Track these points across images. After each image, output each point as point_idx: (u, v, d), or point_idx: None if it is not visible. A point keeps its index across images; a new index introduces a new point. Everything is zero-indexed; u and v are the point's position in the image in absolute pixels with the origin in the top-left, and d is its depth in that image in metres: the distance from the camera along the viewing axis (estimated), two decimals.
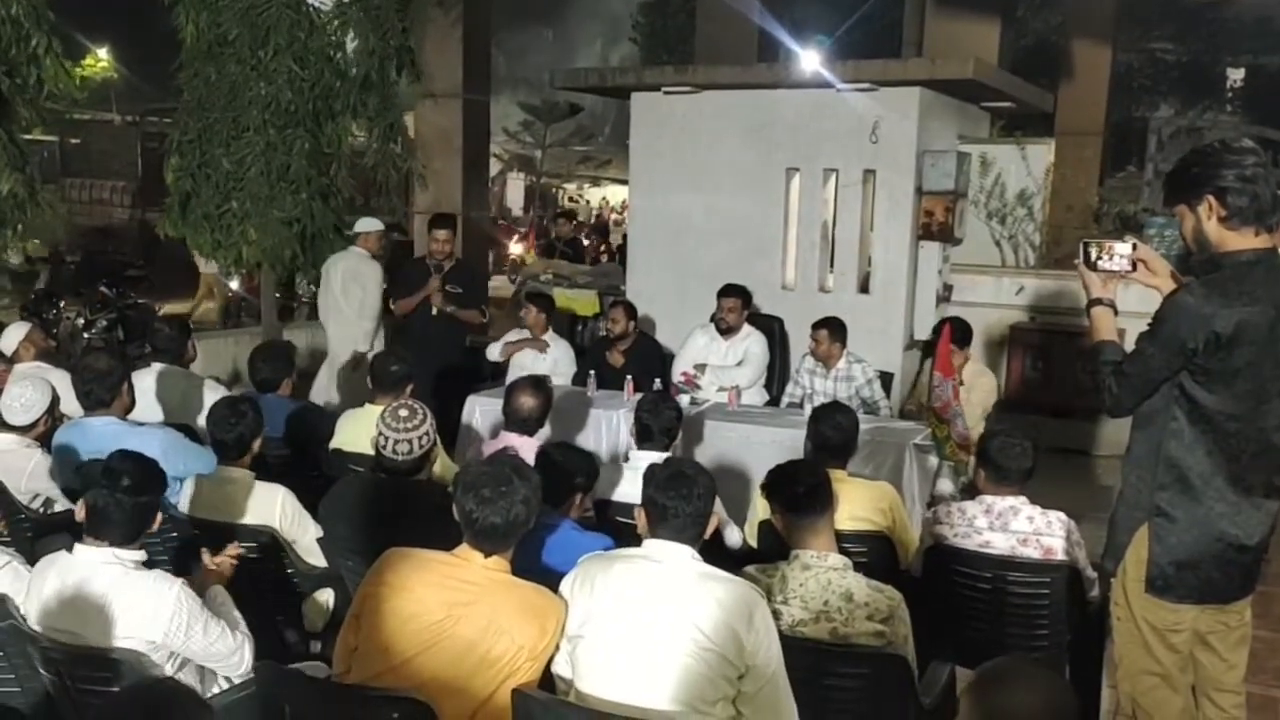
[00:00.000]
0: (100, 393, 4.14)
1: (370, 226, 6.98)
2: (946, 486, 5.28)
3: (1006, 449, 3.48)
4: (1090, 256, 2.87)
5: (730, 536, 3.99)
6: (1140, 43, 22.48)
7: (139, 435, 3.93)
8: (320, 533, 3.67)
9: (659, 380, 5.86)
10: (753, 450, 5.24)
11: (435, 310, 6.81)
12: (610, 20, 33.16)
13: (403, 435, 3.44)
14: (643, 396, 4.31)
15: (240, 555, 3.28)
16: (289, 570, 3.66)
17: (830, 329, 5.92)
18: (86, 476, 2.80)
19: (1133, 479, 2.83)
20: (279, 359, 5.10)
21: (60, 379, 4.49)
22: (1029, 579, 3.42)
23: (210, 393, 4.82)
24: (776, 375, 6.61)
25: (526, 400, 4.26)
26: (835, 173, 7.38)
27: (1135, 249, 2.86)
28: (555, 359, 6.56)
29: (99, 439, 3.90)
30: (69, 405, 4.35)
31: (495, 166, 23.96)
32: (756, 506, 3.89)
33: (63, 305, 9.96)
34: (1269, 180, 2.61)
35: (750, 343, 6.35)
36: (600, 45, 35.64)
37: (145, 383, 4.77)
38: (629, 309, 6.59)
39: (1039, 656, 3.38)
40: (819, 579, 2.86)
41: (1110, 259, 2.85)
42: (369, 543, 3.17)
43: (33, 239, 7.72)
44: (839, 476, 3.59)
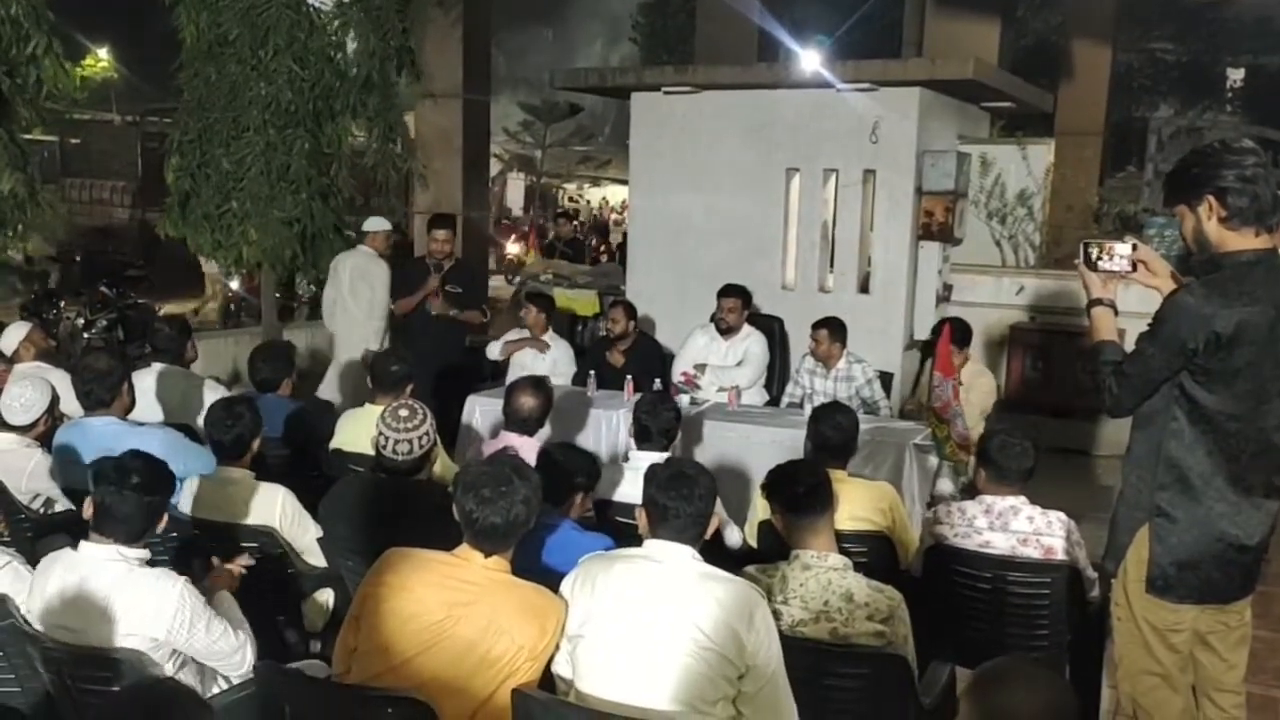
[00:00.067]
0: (100, 393, 4.14)
1: (378, 226, 7.03)
2: (946, 486, 5.28)
3: (1006, 449, 3.48)
4: (1090, 257, 2.87)
5: (730, 536, 3.99)
6: (1140, 43, 22.48)
7: (139, 435, 3.93)
8: (320, 533, 3.67)
9: (659, 380, 5.86)
10: (753, 450, 5.24)
11: (435, 313, 6.83)
12: (610, 20, 33.17)
13: (403, 435, 3.44)
14: (641, 397, 4.31)
15: (250, 566, 3.31)
16: (289, 570, 3.65)
17: (830, 329, 5.92)
18: (99, 474, 2.80)
19: (1133, 479, 2.83)
20: (279, 359, 5.11)
21: (60, 379, 4.49)
22: (1029, 579, 3.42)
23: (210, 393, 4.82)
24: (776, 375, 6.61)
25: (526, 400, 4.26)
26: (835, 173, 7.38)
27: (1135, 249, 2.86)
28: (555, 359, 6.56)
29: (99, 439, 3.90)
30: (69, 405, 4.35)
31: (495, 166, 23.93)
32: (756, 506, 3.89)
33: (63, 305, 9.96)
34: (1269, 180, 2.61)
35: (750, 343, 6.35)
36: (600, 45, 35.64)
37: (145, 383, 4.78)
38: (629, 309, 6.59)
39: (1039, 656, 3.38)
40: (819, 579, 2.86)
41: (1110, 259, 2.85)
42: (369, 543, 3.17)
43: (36, 238, 7.70)
44: (839, 476, 3.59)
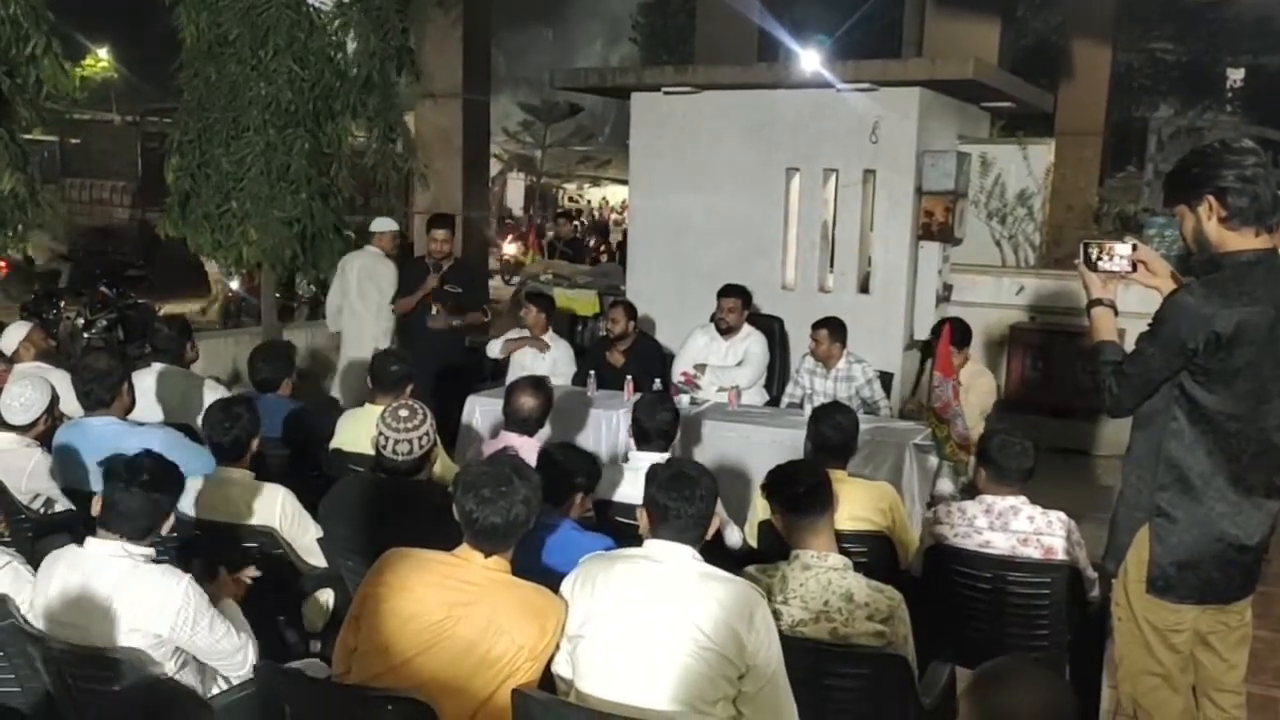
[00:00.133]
0: (100, 393, 4.14)
1: (386, 226, 7.09)
2: (946, 486, 5.28)
3: (1007, 448, 3.48)
4: (1090, 257, 2.87)
5: (730, 536, 3.99)
6: (1140, 43, 22.48)
7: (139, 435, 3.93)
8: (320, 533, 3.67)
9: (659, 380, 5.86)
10: (753, 450, 5.24)
11: (435, 310, 6.83)
12: (610, 20, 33.15)
13: (403, 435, 3.44)
14: (639, 398, 4.31)
15: (256, 578, 3.33)
16: (289, 570, 3.65)
17: (830, 329, 5.92)
18: (110, 471, 2.81)
19: (1133, 479, 2.83)
20: (279, 359, 5.11)
21: (60, 379, 4.48)
22: (1029, 579, 3.42)
23: (210, 393, 4.82)
24: (776, 375, 6.61)
25: (527, 400, 4.26)
26: (835, 173, 7.38)
27: (1135, 249, 2.86)
28: (555, 359, 6.56)
29: (99, 439, 3.90)
30: (69, 405, 4.35)
31: (495, 166, 23.92)
32: (756, 506, 3.89)
33: (63, 305, 9.96)
34: (1269, 180, 2.61)
35: (750, 343, 6.35)
36: (600, 45, 35.63)
37: (145, 383, 4.77)
38: (629, 309, 6.59)
39: (1039, 656, 3.38)
40: (819, 579, 2.86)
41: (1110, 260, 2.85)
42: (369, 543, 3.17)
43: (47, 237, 7.70)
44: (839, 476, 3.59)
